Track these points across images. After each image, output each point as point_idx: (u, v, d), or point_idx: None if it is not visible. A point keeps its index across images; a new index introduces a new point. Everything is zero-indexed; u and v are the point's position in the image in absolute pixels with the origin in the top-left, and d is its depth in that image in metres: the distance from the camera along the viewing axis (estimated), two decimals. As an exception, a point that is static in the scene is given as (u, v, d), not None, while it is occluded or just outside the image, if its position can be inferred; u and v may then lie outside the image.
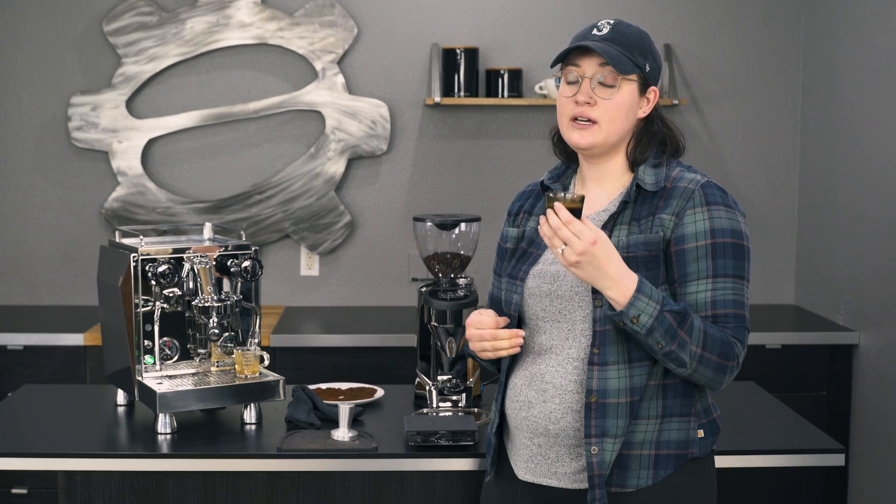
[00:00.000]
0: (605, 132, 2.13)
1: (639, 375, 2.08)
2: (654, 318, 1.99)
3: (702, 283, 2.07)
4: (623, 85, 2.11)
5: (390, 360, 3.94)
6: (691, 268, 2.07)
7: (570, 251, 1.99)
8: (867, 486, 3.90)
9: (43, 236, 4.49)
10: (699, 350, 2.02)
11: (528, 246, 2.25)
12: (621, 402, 2.07)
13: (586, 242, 1.98)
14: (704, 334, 2.02)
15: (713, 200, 2.10)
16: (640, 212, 2.12)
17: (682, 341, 2.01)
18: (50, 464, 2.54)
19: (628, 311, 2.00)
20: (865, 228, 3.90)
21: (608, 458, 2.07)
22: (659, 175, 2.14)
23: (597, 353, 2.08)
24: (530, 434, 2.18)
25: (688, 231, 2.08)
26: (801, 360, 4.02)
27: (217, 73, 4.46)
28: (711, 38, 4.49)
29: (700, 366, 2.03)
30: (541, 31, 4.47)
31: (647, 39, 2.16)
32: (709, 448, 2.17)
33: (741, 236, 2.09)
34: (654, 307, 2.00)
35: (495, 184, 4.52)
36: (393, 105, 4.48)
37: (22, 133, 4.45)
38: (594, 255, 1.99)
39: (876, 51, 3.83)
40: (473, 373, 2.89)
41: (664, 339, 2.00)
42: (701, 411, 2.16)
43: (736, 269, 2.07)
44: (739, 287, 2.08)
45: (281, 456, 2.51)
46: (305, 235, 4.49)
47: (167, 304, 2.73)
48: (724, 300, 2.06)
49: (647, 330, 2.00)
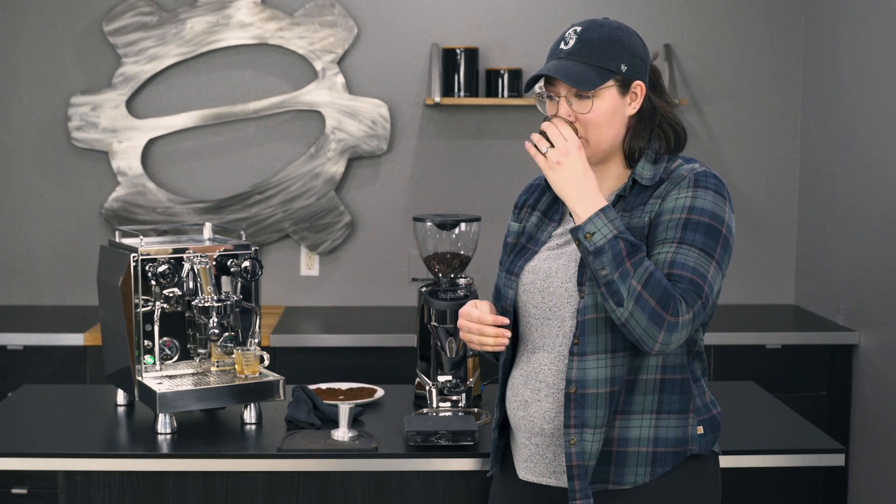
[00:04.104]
0: (591, 144, 2.12)
1: (620, 366, 2.06)
2: (606, 240, 1.97)
3: (666, 245, 2.03)
4: (600, 93, 2.09)
5: (390, 360, 3.94)
6: (660, 235, 2.05)
7: (555, 151, 2.03)
8: (867, 486, 3.90)
9: (43, 236, 4.50)
10: (638, 287, 1.95)
11: (526, 241, 2.25)
12: (600, 392, 2.05)
13: (572, 145, 2.02)
14: (650, 275, 1.96)
15: (703, 184, 2.07)
16: (633, 202, 2.11)
17: (625, 272, 1.96)
18: (50, 464, 2.54)
19: (585, 227, 2.00)
20: (865, 228, 3.90)
21: (589, 448, 2.06)
22: (657, 169, 2.13)
23: (577, 343, 2.07)
24: (528, 433, 2.18)
25: (667, 206, 2.07)
26: (801, 360, 4.02)
27: (217, 73, 4.46)
28: (711, 38, 4.49)
29: (637, 308, 1.95)
30: (541, 31, 4.47)
31: (621, 37, 2.11)
32: (710, 445, 2.15)
33: (720, 221, 2.05)
34: (610, 230, 1.98)
35: (495, 184, 4.52)
36: (393, 105, 4.48)
37: (22, 133, 4.46)
38: (576, 161, 2.02)
39: (876, 51, 3.83)
40: (473, 373, 2.89)
41: (610, 264, 1.97)
42: (701, 407, 2.14)
43: (705, 245, 2.02)
44: (705, 262, 2.01)
45: (281, 456, 2.51)
46: (305, 235, 4.49)
47: (167, 304, 2.73)
48: (682, 263, 2.00)
49: (595, 250, 1.98)
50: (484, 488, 2.56)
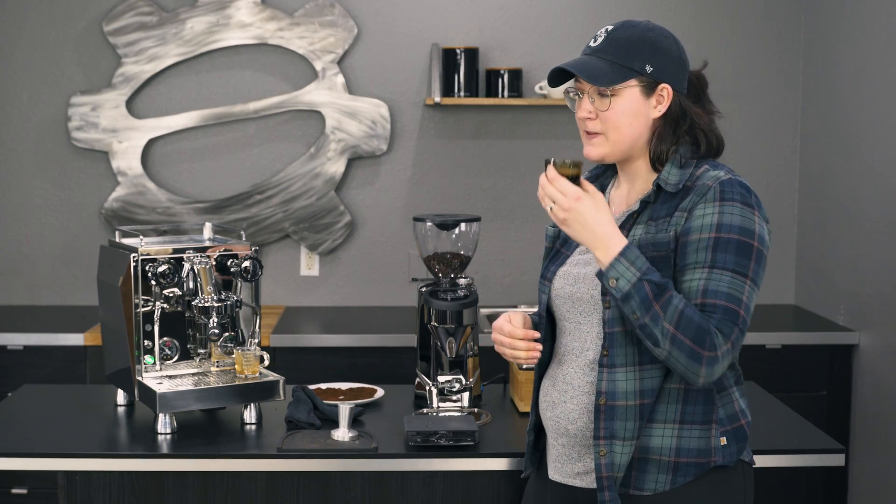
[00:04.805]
0: (611, 142, 2.11)
1: (650, 378, 2.05)
2: (631, 285, 1.96)
3: (697, 272, 2.00)
4: (622, 92, 2.08)
5: (390, 360, 3.94)
6: (690, 258, 2.02)
7: (558, 208, 2.01)
8: (867, 486, 3.90)
9: (43, 236, 4.49)
10: (671, 329, 1.94)
11: (560, 246, 2.25)
12: (630, 404, 2.05)
13: (571, 198, 2.00)
14: (680, 314, 1.94)
15: (729, 197, 2.03)
16: (659, 211, 2.08)
17: (655, 315, 1.95)
18: (50, 464, 2.54)
19: (608, 273, 1.99)
20: (865, 228, 3.89)
21: (618, 460, 2.06)
22: (683, 175, 2.09)
23: (606, 354, 2.07)
24: (555, 434, 2.19)
25: (694, 224, 2.03)
26: (801, 360, 4.02)
27: (217, 73, 4.46)
28: (711, 38, 4.49)
29: (674, 348, 1.95)
30: (541, 31, 4.46)
31: (651, 38, 2.10)
32: (735, 456, 2.10)
33: (751, 235, 2.01)
34: (633, 273, 1.97)
35: (495, 184, 4.52)
36: (393, 105, 4.48)
37: (22, 133, 4.45)
38: (580, 212, 2.00)
39: (876, 51, 3.83)
40: (473, 373, 2.89)
41: (639, 308, 1.96)
42: (724, 418, 2.10)
43: (737, 265, 1.99)
44: (739, 283, 1.98)
45: (281, 456, 2.51)
46: (305, 235, 4.49)
47: (167, 304, 2.73)
48: (715, 290, 1.98)
49: (623, 295, 1.97)
50: (484, 488, 2.56)
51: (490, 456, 2.52)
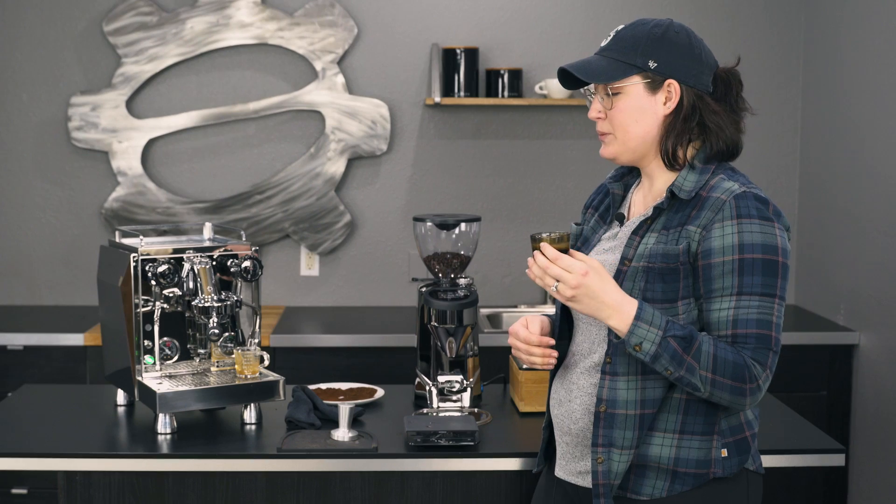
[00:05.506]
0: (620, 141, 2.10)
1: (652, 388, 2.04)
2: (657, 345, 1.95)
3: (725, 300, 1.98)
4: (626, 89, 2.07)
5: (390, 360, 3.94)
6: (716, 284, 1.99)
7: (564, 287, 1.98)
8: (867, 486, 3.90)
9: (43, 236, 4.49)
10: (709, 375, 1.95)
11: (581, 244, 2.25)
12: (630, 413, 2.04)
13: (578, 275, 1.96)
14: (714, 358, 1.95)
15: (745, 213, 2.01)
16: (672, 220, 2.06)
17: (689, 366, 1.95)
18: (50, 464, 2.54)
19: (630, 340, 1.97)
20: (865, 228, 3.89)
21: (615, 468, 2.05)
22: (699, 182, 2.07)
23: (609, 362, 2.07)
24: (560, 432, 2.20)
25: (715, 245, 1.99)
26: (801, 360, 4.02)
27: (217, 73, 4.46)
28: (711, 37, 4.47)
29: (715, 389, 1.96)
30: (541, 31, 4.46)
31: (658, 34, 2.08)
32: (736, 468, 2.08)
33: (774, 251, 1.99)
34: (655, 334, 1.95)
35: (495, 184, 4.52)
36: (393, 105, 4.48)
37: (22, 133, 4.46)
38: (588, 287, 1.97)
39: (876, 51, 3.83)
40: (473, 373, 2.89)
41: (671, 364, 1.96)
42: (727, 430, 2.08)
43: (765, 286, 1.97)
44: (767, 306, 1.97)
45: (281, 456, 2.51)
46: (305, 235, 4.49)
47: (167, 304, 2.73)
48: (746, 319, 1.97)
49: (651, 357, 1.96)
50: (484, 488, 2.56)
51: (490, 456, 2.52)
